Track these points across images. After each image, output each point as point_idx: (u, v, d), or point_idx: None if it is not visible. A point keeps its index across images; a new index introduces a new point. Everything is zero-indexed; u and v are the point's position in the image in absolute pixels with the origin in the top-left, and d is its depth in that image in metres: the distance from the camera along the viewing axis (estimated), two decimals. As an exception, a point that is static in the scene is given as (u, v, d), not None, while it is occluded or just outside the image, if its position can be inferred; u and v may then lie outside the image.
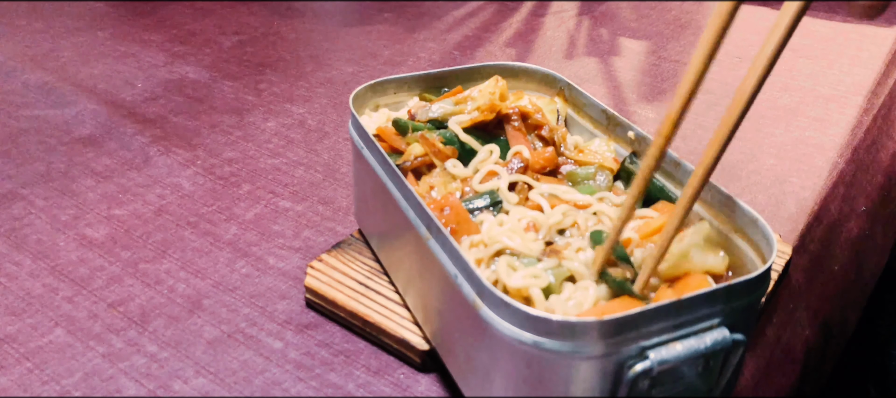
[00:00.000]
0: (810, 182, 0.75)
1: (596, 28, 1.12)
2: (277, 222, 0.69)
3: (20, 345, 0.56)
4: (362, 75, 0.97)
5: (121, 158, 0.78)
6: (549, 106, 0.62)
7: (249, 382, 0.53)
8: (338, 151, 0.80)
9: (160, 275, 0.63)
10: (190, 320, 0.58)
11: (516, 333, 0.42)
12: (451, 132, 0.58)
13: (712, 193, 0.52)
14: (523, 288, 0.46)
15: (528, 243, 0.49)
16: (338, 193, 0.73)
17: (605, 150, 0.60)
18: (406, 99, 0.64)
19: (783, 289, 0.64)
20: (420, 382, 0.53)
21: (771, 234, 0.46)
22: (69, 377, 0.53)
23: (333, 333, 0.57)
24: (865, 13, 1.11)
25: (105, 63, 0.99)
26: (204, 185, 0.74)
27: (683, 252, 0.49)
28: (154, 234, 0.67)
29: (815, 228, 0.71)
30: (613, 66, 1.00)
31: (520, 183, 0.55)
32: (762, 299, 0.48)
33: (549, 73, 0.65)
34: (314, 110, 0.88)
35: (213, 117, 0.86)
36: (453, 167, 0.56)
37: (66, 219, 0.69)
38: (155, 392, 0.52)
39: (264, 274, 0.63)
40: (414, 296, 0.54)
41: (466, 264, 0.44)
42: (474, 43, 1.07)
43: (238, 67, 0.99)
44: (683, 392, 0.44)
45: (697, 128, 0.83)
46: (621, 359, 0.42)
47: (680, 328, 0.42)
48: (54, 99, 0.89)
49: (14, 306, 0.59)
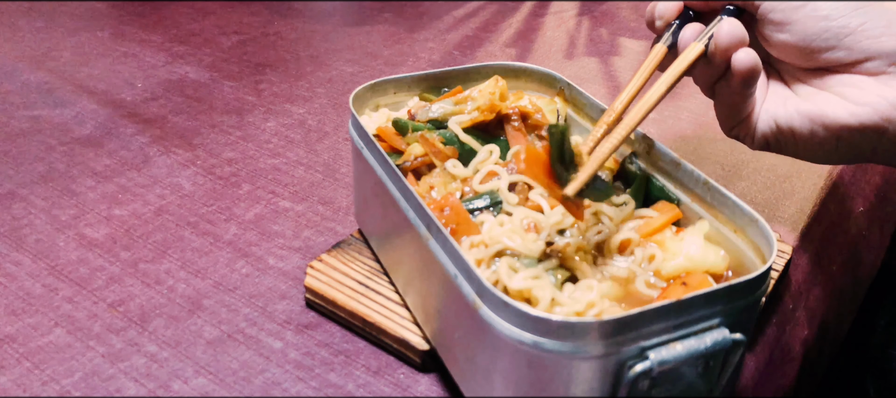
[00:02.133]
0: (810, 182, 0.75)
1: (596, 28, 1.13)
2: (277, 222, 0.69)
3: (20, 345, 0.56)
4: (362, 75, 0.97)
5: (121, 158, 0.78)
6: (549, 106, 0.62)
7: (249, 382, 0.53)
8: (338, 151, 0.80)
9: (160, 275, 0.63)
10: (190, 320, 0.58)
11: (516, 334, 0.42)
12: (451, 132, 0.58)
13: (712, 193, 0.52)
14: (524, 289, 0.46)
15: (528, 244, 0.49)
16: (338, 193, 0.73)
17: (605, 150, 0.60)
18: (406, 99, 0.64)
19: (783, 289, 0.64)
20: (420, 382, 0.53)
21: (771, 234, 0.46)
22: (69, 377, 0.53)
23: (333, 333, 0.57)
24: None
25: (105, 63, 0.99)
26: (204, 185, 0.74)
27: (683, 252, 0.49)
28: (154, 234, 0.67)
29: (814, 228, 0.71)
30: (613, 66, 1.00)
31: (520, 183, 0.55)
32: (762, 299, 0.48)
33: (549, 73, 0.65)
34: (314, 110, 0.88)
35: (212, 117, 0.86)
36: (453, 167, 0.56)
37: (66, 219, 0.69)
38: (155, 392, 0.52)
39: (264, 274, 0.63)
40: (414, 296, 0.54)
41: (466, 264, 0.44)
42: (474, 43, 1.07)
43: (238, 67, 0.99)
44: (683, 392, 0.44)
45: (698, 127, 0.83)
46: (621, 360, 0.42)
47: (680, 328, 0.42)
48: (54, 99, 0.89)
49: (14, 306, 0.59)
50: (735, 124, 0.59)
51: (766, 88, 0.60)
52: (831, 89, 0.58)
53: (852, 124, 0.56)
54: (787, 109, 0.58)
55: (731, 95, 0.57)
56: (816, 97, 0.58)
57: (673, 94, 0.91)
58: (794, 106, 0.58)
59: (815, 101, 0.58)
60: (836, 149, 0.58)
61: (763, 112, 0.59)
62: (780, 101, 0.59)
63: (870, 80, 0.57)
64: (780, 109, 0.58)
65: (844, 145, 0.58)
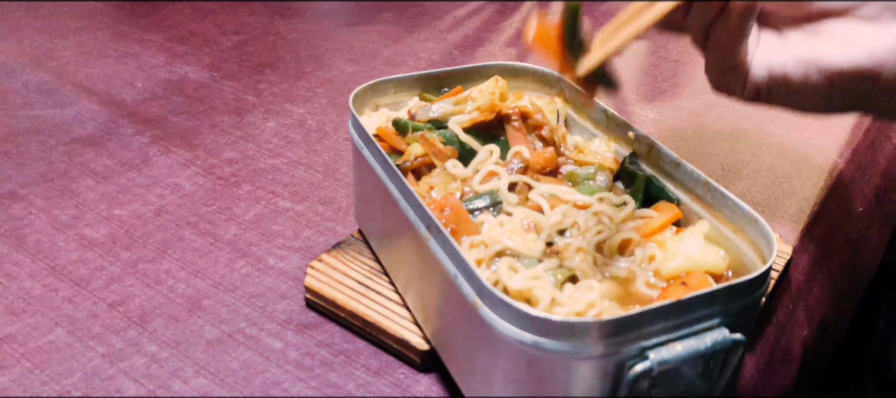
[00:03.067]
0: (810, 182, 0.75)
1: (596, 28, 1.12)
2: (277, 222, 0.69)
3: (20, 345, 0.56)
4: (362, 75, 0.97)
5: (121, 158, 0.78)
6: (549, 106, 0.63)
7: (249, 382, 0.53)
8: (338, 151, 0.80)
9: (160, 275, 0.63)
10: (190, 320, 0.58)
11: (516, 333, 0.42)
12: (451, 132, 0.58)
13: (712, 193, 0.52)
14: (524, 289, 0.46)
15: (528, 244, 0.49)
16: (338, 193, 0.73)
17: (605, 150, 0.60)
18: (406, 99, 0.64)
19: (783, 289, 0.64)
20: (420, 382, 0.53)
21: (771, 234, 0.46)
22: (69, 377, 0.53)
23: (333, 333, 0.57)
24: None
25: (105, 63, 0.99)
26: (204, 185, 0.74)
27: (683, 252, 0.49)
28: (154, 234, 0.67)
29: (814, 228, 0.71)
30: (613, 66, 1.00)
31: (520, 183, 0.55)
32: (762, 299, 0.48)
33: (549, 73, 0.65)
34: (314, 110, 0.88)
35: (213, 117, 0.86)
36: (453, 167, 0.56)
37: (66, 219, 0.69)
38: (155, 392, 0.52)
39: (264, 274, 0.63)
40: (414, 296, 0.54)
41: (466, 264, 0.44)
42: (474, 43, 1.07)
43: (238, 67, 0.99)
44: (683, 392, 0.44)
45: (698, 127, 0.83)
46: (621, 360, 0.42)
47: (680, 328, 0.42)
48: (54, 99, 0.89)
49: (14, 306, 0.59)
50: (727, 71, 0.58)
51: (757, 37, 0.60)
52: (825, 35, 0.57)
53: (847, 68, 0.56)
54: (780, 55, 0.58)
55: (726, 35, 0.57)
56: (810, 42, 0.57)
57: (673, 94, 0.91)
58: (788, 52, 0.58)
59: (808, 46, 0.58)
60: (829, 95, 0.58)
61: (756, 58, 0.59)
62: (772, 49, 0.59)
63: (864, 25, 0.56)
64: (774, 55, 0.58)
65: (838, 92, 0.58)
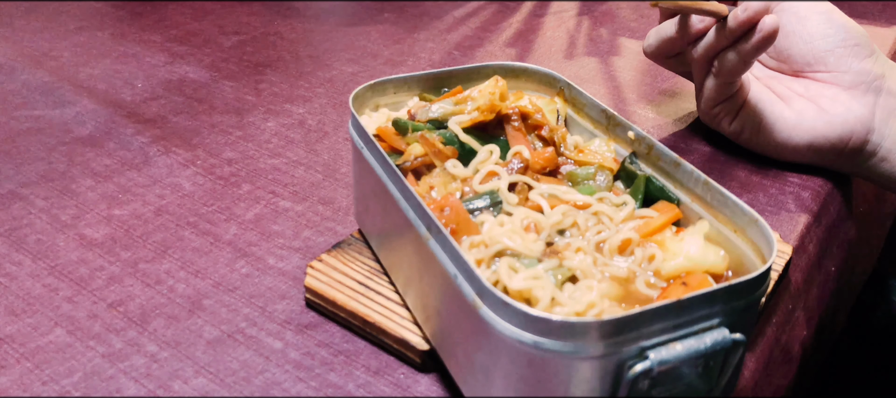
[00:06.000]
0: (810, 182, 0.75)
1: (596, 28, 1.13)
2: (277, 222, 0.69)
3: (20, 345, 0.56)
4: (362, 75, 0.97)
5: (121, 158, 0.78)
6: (549, 106, 0.63)
7: (249, 382, 0.53)
8: (338, 151, 0.80)
9: (160, 275, 0.63)
10: (190, 320, 0.58)
11: (516, 333, 0.42)
12: (451, 132, 0.58)
13: (712, 193, 0.52)
14: (524, 289, 0.46)
15: (528, 244, 0.49)
16: (338, 193, 0.73)
17: (605, 150, 0.60)
18: (406, 99, 0.64)
19: (783, 289, 0.64)
20: (420, 382, 0.53)
21: (771, 234, 0.46)
22: (69, 377, 0.53)
23: (333, 333, 0.57)
24: None
25: (105, 63, 0.99)
26: (204, 185, 0.74)
27: (683, 252, 0.49)
28: (154, 234, 0.67)
29: (814, 229, 0.71)
30: (613, 66, 1.00)
31: (520, 183, 0.55)
32: (762, 299, 0.48)
33: (549, 73, 0.65)
34: (314, 110, 0.88)
35: (212, 117, 0.86)
36: (453, 167, 0.56)
37: (66, 219, 0.69)
38: (155, 392, 0.52)
39: (264, 274, 0.63)
40: (414, 297, 0.54)
41: (466, 264, 0.44)
42: (474, 43, 1.07)
43: (238, 67, 0.99)
44: (683, 392, 0.44)
45: (697, 128, 0.83)
46: (621, 360, 0.42)
47: (680, 328, 0.43)
48: (54, 99, 0.89)
49: (14, 306, 0.59)
50: (722, 100, 0.67)
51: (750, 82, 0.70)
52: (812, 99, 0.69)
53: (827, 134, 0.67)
54: (772, 108, 0.69)
55: (732, 64, 0.64)
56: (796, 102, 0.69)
57: (673, 94, 0.91)
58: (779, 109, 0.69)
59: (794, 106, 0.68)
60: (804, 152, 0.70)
61: (750, 96, 0.69)
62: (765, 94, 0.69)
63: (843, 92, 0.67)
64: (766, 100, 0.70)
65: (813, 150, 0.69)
